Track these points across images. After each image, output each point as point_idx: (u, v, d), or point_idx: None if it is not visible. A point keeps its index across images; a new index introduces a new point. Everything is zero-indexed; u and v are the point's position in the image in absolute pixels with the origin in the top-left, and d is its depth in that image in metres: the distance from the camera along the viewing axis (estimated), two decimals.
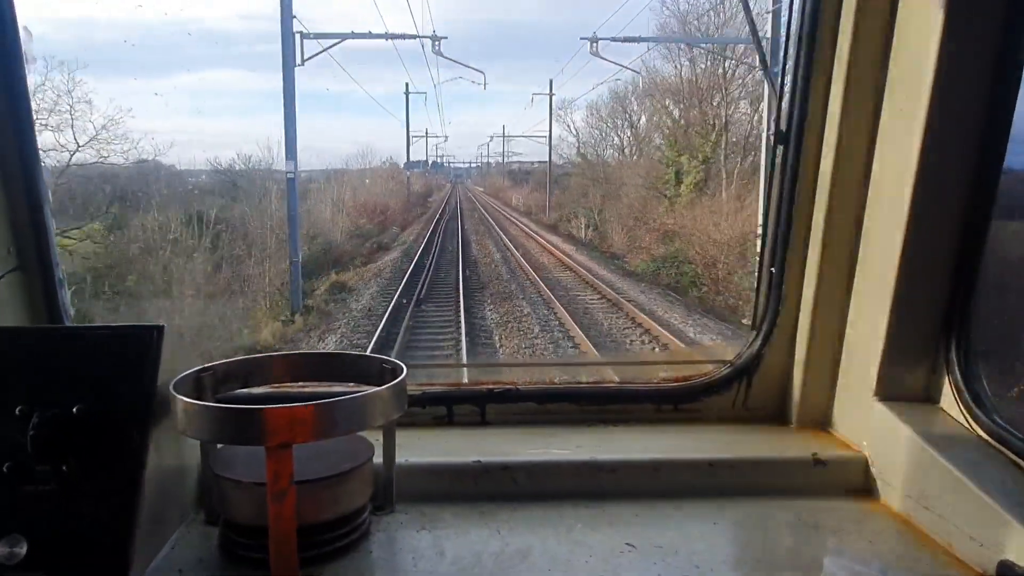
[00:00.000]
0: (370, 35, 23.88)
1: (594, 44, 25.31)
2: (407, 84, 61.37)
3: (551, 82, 53.66)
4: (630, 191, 33.94)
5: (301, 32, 20.90)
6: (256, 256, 21.21)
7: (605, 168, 41.76)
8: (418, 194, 68.13)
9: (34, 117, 2.06)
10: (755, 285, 2.34)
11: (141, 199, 20.01)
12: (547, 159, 54.49)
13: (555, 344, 15.91)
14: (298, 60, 20.66)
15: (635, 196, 33.17)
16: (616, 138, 43.83)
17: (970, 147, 1.81)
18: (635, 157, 39.65)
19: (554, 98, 52.06)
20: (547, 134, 53.85)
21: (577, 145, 49.73)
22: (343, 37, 23.07)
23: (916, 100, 1.80)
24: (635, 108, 41.16)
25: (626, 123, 42.43)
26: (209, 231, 20.09)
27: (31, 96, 2.04)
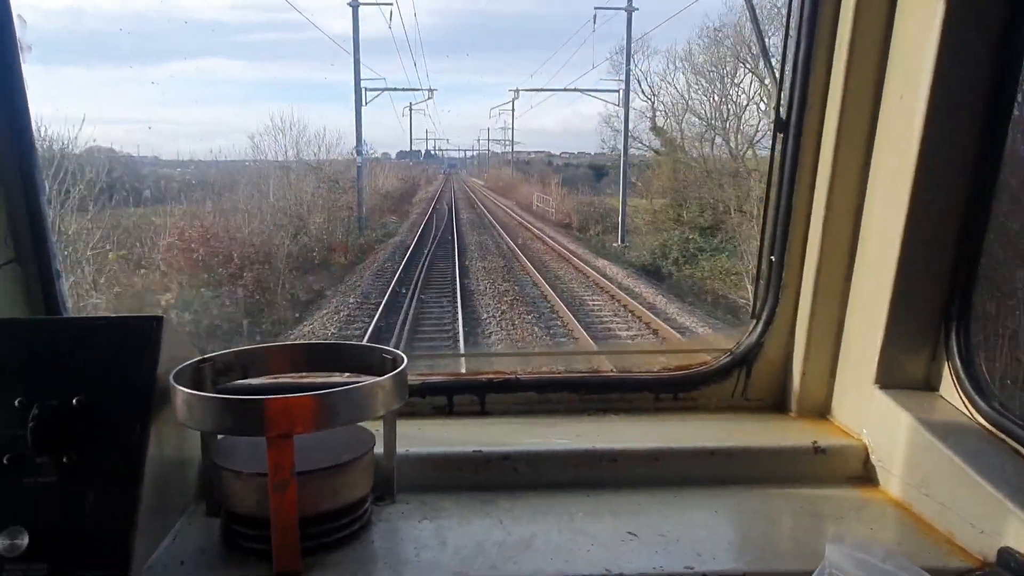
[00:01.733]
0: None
1: None
2: None
3: None
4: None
5: None
6: None
7: (717, 157, 21.23)
8: (391, 197, 41.56)
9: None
10: (755, 274, 2.33)
11: None
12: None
13: None
14: None
15: None
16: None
17: (971, 134, 1.80)
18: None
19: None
20: (618, 88, 29.16)
21: (652, 116, 27.62)
22: None
23: (917, 87, 1.79)
24: None
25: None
26: None
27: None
